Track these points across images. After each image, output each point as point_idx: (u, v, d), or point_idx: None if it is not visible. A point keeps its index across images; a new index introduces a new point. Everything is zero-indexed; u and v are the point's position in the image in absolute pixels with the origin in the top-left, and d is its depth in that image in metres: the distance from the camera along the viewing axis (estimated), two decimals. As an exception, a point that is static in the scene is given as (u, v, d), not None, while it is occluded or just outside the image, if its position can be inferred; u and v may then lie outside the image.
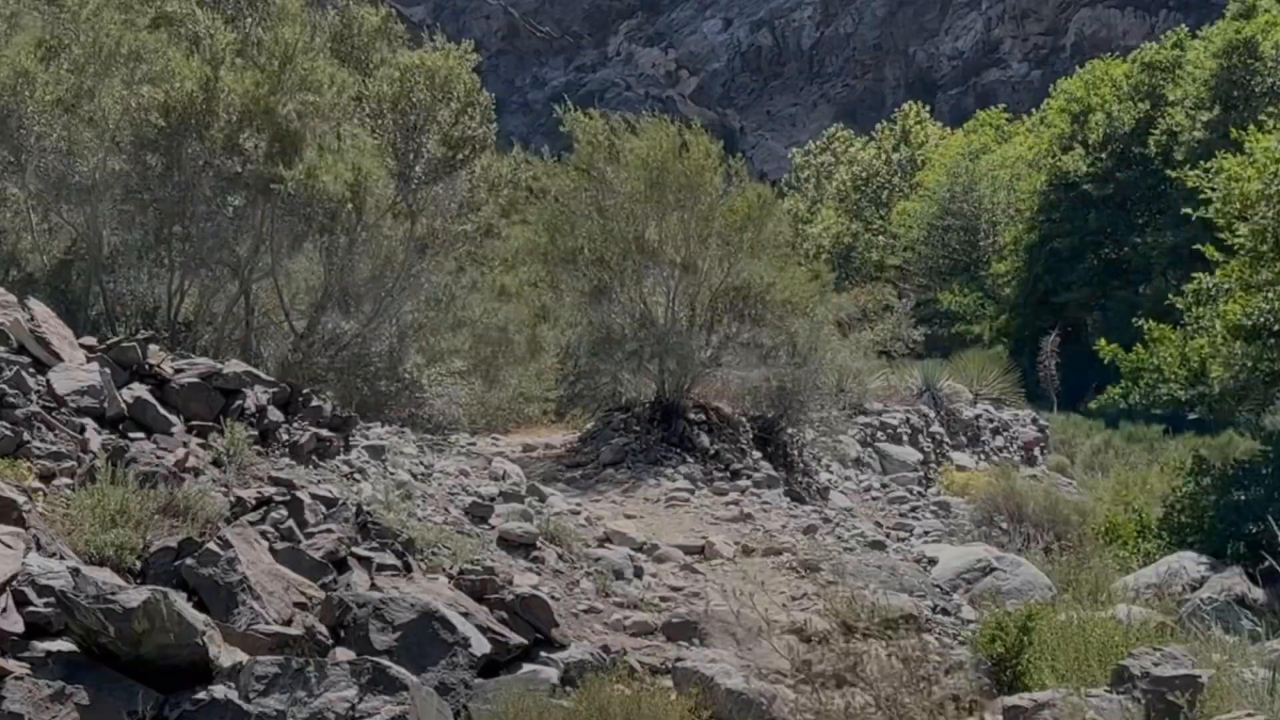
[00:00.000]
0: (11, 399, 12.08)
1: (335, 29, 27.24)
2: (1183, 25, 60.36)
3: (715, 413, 25.58)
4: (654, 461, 23.36)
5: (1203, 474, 20.82)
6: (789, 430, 26.94)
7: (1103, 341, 21.73)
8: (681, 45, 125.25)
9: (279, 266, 22.99)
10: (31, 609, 9.10)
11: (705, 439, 24.64)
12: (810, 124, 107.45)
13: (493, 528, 15.29)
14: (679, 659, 12.49)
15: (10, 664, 8.58)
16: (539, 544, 15.10)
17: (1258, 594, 14.86)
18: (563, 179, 26.34)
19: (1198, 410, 20.22)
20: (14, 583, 9.14)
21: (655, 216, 24.95)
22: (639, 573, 15.74)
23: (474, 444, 23.98)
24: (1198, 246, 23.12)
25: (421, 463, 18.03)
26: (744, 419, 26.08)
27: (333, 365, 23.51)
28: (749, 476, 23.31)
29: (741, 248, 25.09)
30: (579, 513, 18.06)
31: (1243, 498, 19.69)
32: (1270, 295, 19.45)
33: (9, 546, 9.37)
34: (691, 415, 25.02)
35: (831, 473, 28.30)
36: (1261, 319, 19.40)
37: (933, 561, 18.48)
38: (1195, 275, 21.65)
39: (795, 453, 26.96)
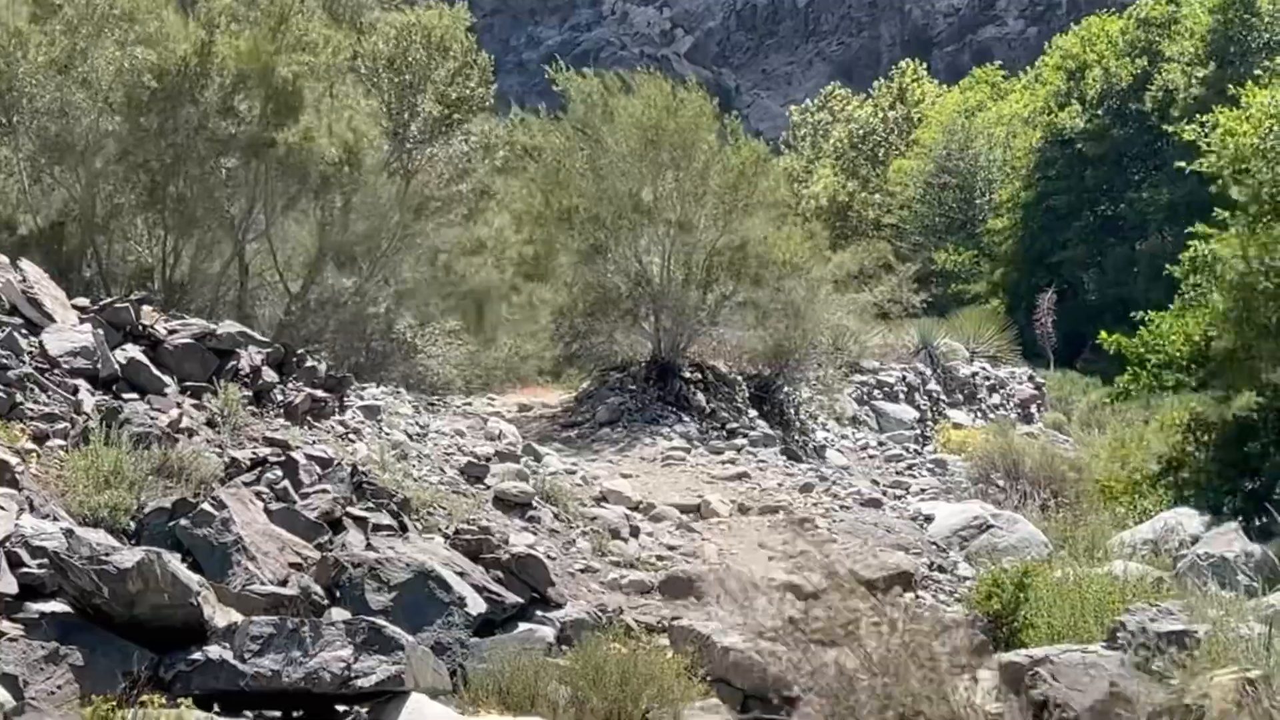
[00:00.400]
0: (3, 360, 12.05)
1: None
2: (1179, -20, 59.95)
3: (711, 371, 25.62)
4: (650, 420, 23.41)
5: (1201, 430, 20.76)
6: (785, 389, 26.97)
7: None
8: (676, 3, 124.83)
9: (273, 227, 22.97)
10: (25, 570, 9.07)
11: (701, 398, 24.68)
12: (806, 83, 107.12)
13: (488, 487, 15.28)
14: (675, 618, 12.49)
15: (4, 625, 8.56)
16: (535, 503, 15.10)
17: (1255, 549, 14.84)
18: (557, 138, 26.28)
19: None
20: (7, 544, 9.12)
21: (650, 175, 24.91)
22: (635, 532, 15.75)
23: (469, 404, 24.03)
24: (1201, 204, 22.98)
25: (417, 423, 18.03)
26: (740, 378, 26.12)
27: (327, 326, 23.49)
28: (745, 435, 23.34)
29: (737, 206, 25.07)
30: (575, 472, 18.07)
31: (1241, 453, 19.63)
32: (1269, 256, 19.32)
33: (2, 508, 9.35)
34: (687, 374, 25.06)
35: (828, 431, 28.33)
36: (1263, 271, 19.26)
37: (929, 519, 18.48)
38: (1191, 241, 21.46)
39: (791, 411, 26.99)
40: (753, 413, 25.22)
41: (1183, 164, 23.97)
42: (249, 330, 16.01)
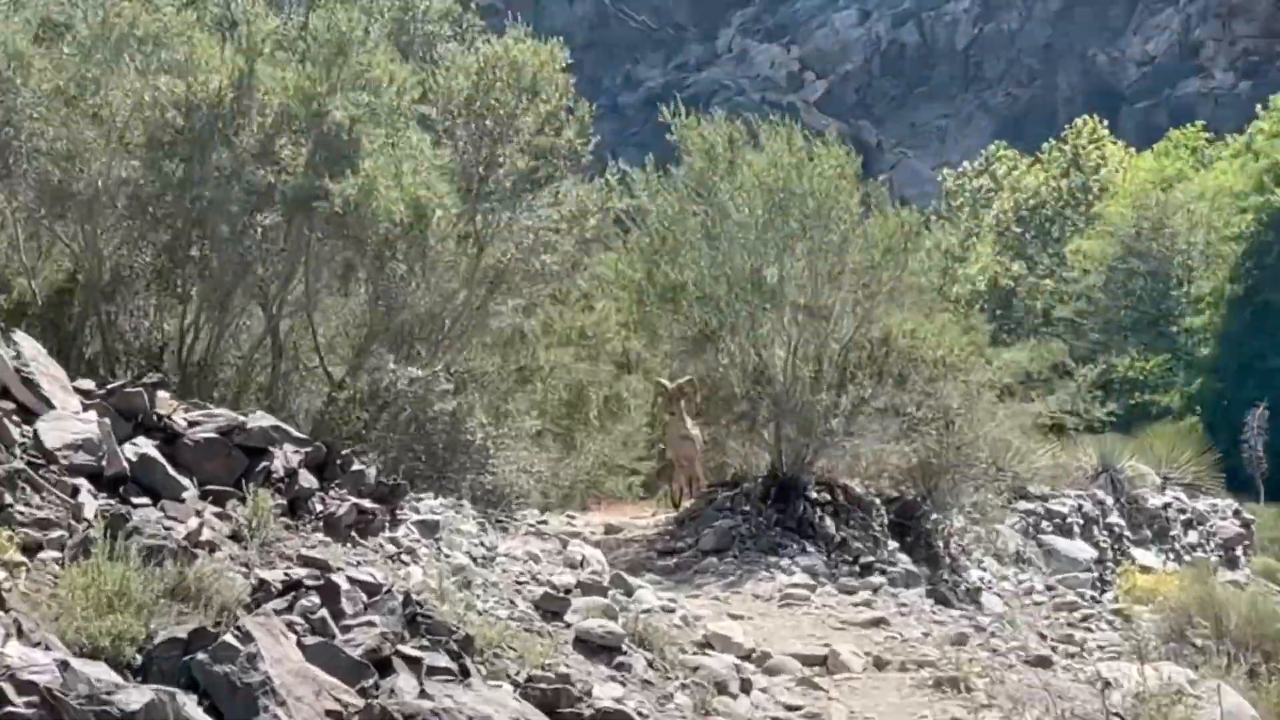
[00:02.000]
0: (-10, 453, 12.17)
1: (394, 14, 27.47)
2: None
3: (843, 492, 25.49)
4: (766, 550, 23.32)
5: None
6: (933, 516, 26.78)
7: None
8: (808, 41, 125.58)
9: (315, 300, 23.09)
10: (10, 710, 9.11)
11: (830, 524, 24.55)
12: (964, 140, 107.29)
13: (568, 626, 15.23)
14: (795, 794, 12.39)
15: (-19, 777, 8.61)
16: (625, 647, 15.03)
17: None
18: (666, 198, 26.23)
19: None
20: (-11, 676, 9.17)
21: (776, 248, 24.85)
22: (746, 687, 15.64)
23: (546, 522, 23.99)
24: None
25: (483, 543, 18.02)
26: (878, 500, 25.98)
27: (378, 422, 23.56)
28: (883, 572, 23.19)
29: (880, 290, 24.97)
30: (674, 610, 17.98)
31: None
32: None
33: (-15, 633, 9.41)
34: (814, 494, 24.95)
35: (985, 570, 28.07)
36: None
37: (1110, 684, 18.22)
38: None
39: (940, 544, 26.80)
40: (893, 544, 25.07)
41: None
42: (283, 425, 16.09)
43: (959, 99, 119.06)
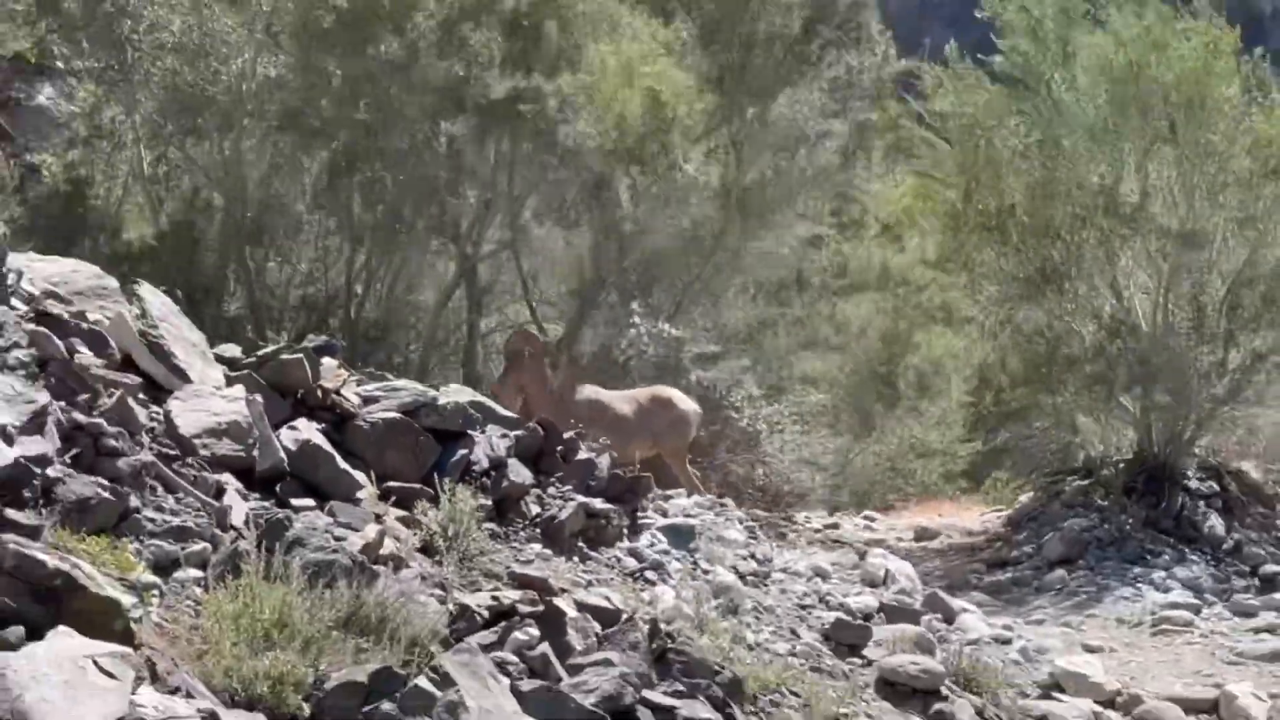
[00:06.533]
0: (112, 442, 12.25)
1: None
2: None
3: (1235, 480, 25.19)
4: (1132, 559, 23.18)
5: None
6: (1361, 512, 26.38)
7: None
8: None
9: (522, 235, 23.18)
10: (145, 777, 9.29)
11: (1218, 523, 24.29)
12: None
13: (869, 663, 15.23)
14: None
15: None
16: (945, 690, 14.99)
17: None
18: (982, 96, 26.08)
19: None
20: (115, 734, 9.35)
21: (1134, 156, 24.60)
22: (1109, 742, 15.57)
23: (836, 527, 24.00)
24: None
25: (753, 555, 18.04)
26: (1282, 490, 25.65)
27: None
28: (1292, 586, 22.91)
29: (1278, 206, 24.61)
30: (1009, 641, 17.94)
31: None
32: None
33: (110, 675, 9.56)
34: (1195, 483, 24.67)
35: None
36: None
37: None
38: None
39: (1372, 549, 26.39)
40: (1304, 548, 24.76)
41: None
42: (486, 400, 16.20)
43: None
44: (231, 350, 15.20)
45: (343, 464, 13.85)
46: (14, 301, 12.95)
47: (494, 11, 21.98)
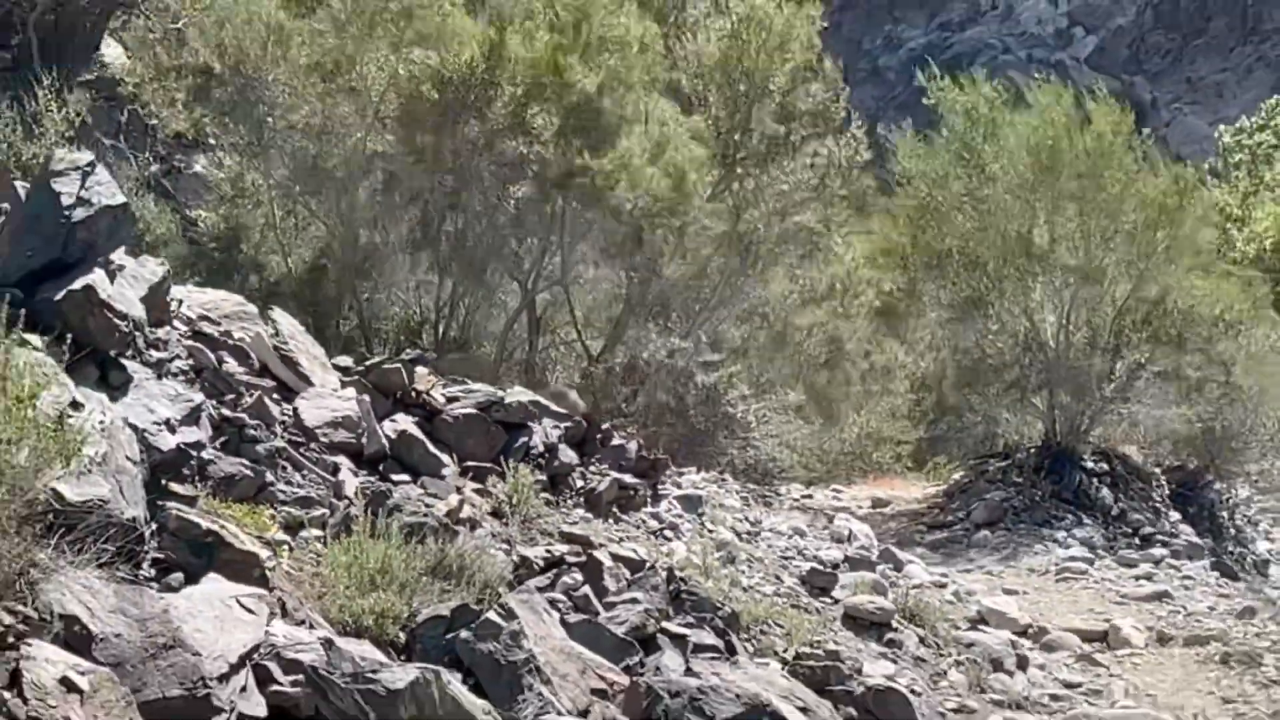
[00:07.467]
0: (252, 431, 12.39)
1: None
2: None
3: (1121, 461, 25.23)
4: (1040, 522, 23.17)
5: None
6: (1216, 486, 26.35)
7: None
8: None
9: (571, 274, 23.25)
10: (276, 688, 9.28)
11: (1107, 495, 24.29)
12: (1242, 95, 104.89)
13: (836, 602, 15.24)
14: (1077, 775, 12.27)
15: (249, 756, 8.79)
16: (895, 624, 14.99)
17: None
18: (928, 163, 26.14)
19: None
20: (255, 655, 9.35)
21: (1046, 210, 24.66)
22: (1023, 663, 15.54)
23: (810, 497, 23.99)
24: None
25: (746, 518, 18.04)
26: (1157, 470, 25.64)
27: (636, 396, 23.71)
28: (1165, 544, 22.88)
29: (1156, 250, 24.61)
30: (945, 585, 17.92)
31: None
32: None
33: (250, 611, 9.60)
34: (1090, 464, 24.69)
35: (1273, 541, 27.58)
36: None
37: None
38: None
39: (1225, 515, 26.39)
40: (1174, 515, 24.71)
41: None
42: (542, 400, 16.24)
43: (1236, 52, 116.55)
44: (345, 361, 15.35)
45: (431, 448, 13.96)
46: (176, 323, 13.05)
47: (549, 99, 21.93)
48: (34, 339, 10.23)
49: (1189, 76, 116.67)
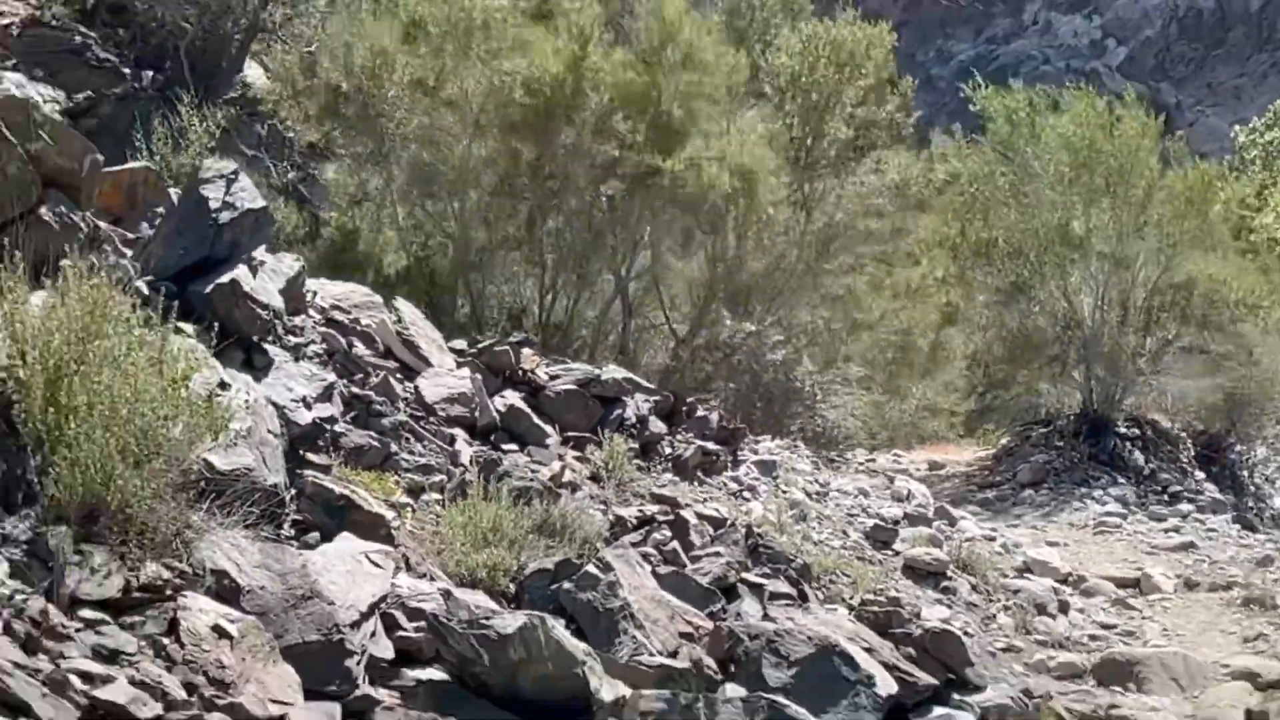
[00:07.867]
0: (379, 407, 12.49)
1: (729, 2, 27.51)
2: None
3: (1151, 427, 25.09)
4: (1079, 482, 23.06)
5: None
6: (1237, 448, 26.17)
7: None
8: (1108, 11, 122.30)
9: (659, 265, 23.25)
10: (401, 634, 9.39)
11: (1139, 457, 24.15)
12: (1258, 98, 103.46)
13: (897, 554, 15.20)
14: (1113, 706, 12.23)
15: (380, 693, 8.86)
16: (949, 573, 14.94)
17: None
18: (975, 163, 26.10)
19: None
20: (383, 605, 9.45)
21: (1082, 204, 24.55)
22: (1064, 607, 15.46)
23: (873, 461, 23.94)
24: None
25: (816, 480, 17.98)
26: (1184, 434, 25.47)
27: (718, 373, 23.68)
28: (1191, 500, 22.73)
29: (1182, 239, 24.45)
30: (994, 539, 17.82)
31: None
32: None
33: (378, 565, 9.69)
34: (1123, 429, 24.56)
35: (1288, 496, 27.38)
36: None
37: None
38: None
39: (1245, 473, 26.20)
40: (1199, 474, 24.53)
41: None
42: (634, 377, 16.26)
43: (1254, 59, 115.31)
44: (460, 344, 15.40)
45: (536, 420, 14.02)
46: (311, 312, 13.15)
47: (634, 110, 21.90)
48: (187, 327, 10.35)
49: (1210, 82, 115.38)
